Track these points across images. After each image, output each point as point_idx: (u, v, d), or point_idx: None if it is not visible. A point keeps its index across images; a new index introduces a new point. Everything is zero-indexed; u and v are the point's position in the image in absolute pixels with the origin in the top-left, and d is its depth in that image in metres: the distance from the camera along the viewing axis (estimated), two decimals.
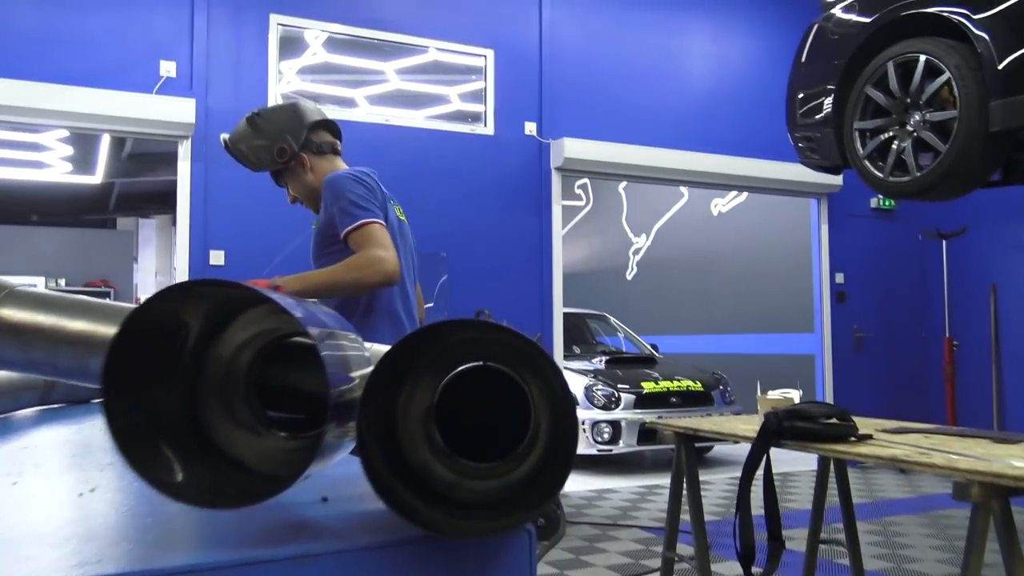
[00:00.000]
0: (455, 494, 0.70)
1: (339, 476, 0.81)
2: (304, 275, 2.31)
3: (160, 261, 17.37)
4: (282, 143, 2.49)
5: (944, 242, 7.33)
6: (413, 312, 2.63)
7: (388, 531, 0.63)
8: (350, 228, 2.31)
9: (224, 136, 2.61)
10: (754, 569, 2.45)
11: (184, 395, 0.68)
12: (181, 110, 5.33)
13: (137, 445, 0.62)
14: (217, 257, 5.48)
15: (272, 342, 0.72)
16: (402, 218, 2.64)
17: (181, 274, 5.45)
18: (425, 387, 0.70)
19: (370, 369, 0.68)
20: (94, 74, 5.22)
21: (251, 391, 0.72)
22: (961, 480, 1.82)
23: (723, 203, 10.26)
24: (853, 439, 2.28)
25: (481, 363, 0.70)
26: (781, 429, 2.28)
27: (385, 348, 0.77)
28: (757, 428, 2.54)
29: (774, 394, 2.63)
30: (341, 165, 2.61)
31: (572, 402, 0.63)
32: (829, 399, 7.52)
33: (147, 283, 17.15)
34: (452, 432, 0.70)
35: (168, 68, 5.41)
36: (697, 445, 7.37)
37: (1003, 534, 1.83)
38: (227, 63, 5.64)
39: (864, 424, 2.71)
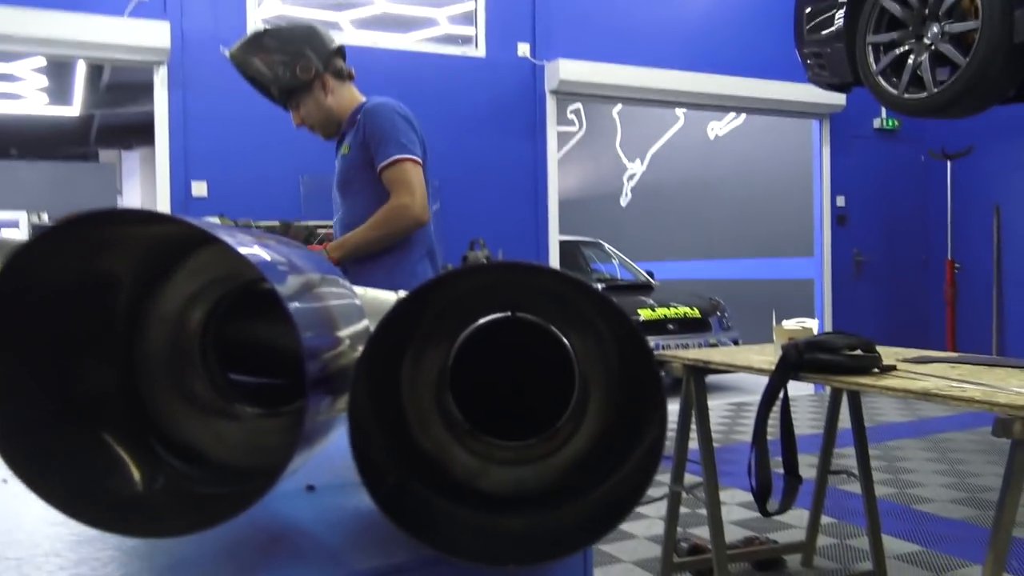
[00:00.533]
0: (480, 484, 0.54)
1: (331, 451, 0.63)
2: (342, 240, 2.38)
3: (145, 193, 17.04)
4: (305, 60, 2.40)
5: (949, 163, 7.15)
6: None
7: (401, 541, 0.47)
8: (387, 162, 2.35)
9: (226, 49, 2.45)
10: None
11: (117, 370, 0.51)
12: (155, 34, 5.05)
13: (34, 450, 0.43)
14: (199, 188, 5.28)
15: (233, 292, 0.55)
16: None
17: (162, 207, 5.25)
18: (437, 347, 0.53)
19: (365, 324, 0.52)
20: None
21: (209, 356, 0.56)
22: (1003, 415, 1.70)
23: (720, 127, 10.01)
24: (877, 371, 2.15)
25: (508, 314, 0.54)
26: (801, 361, 2.16)
27: (385, 295, 0.61)
28: (771, 359, 2.42)
29: (790, 323, 2.49)
30: (358, 93, 2.55)
31: (648, 358, 0.46)
32: (828, 322, 7.44)
33: None
34: (473, 404, 0.55)
35: None
36: None
37: None
38: None
39: (882, 353, 2.59)
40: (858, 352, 2.13)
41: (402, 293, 0.67)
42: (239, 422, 0.55)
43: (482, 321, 0.55)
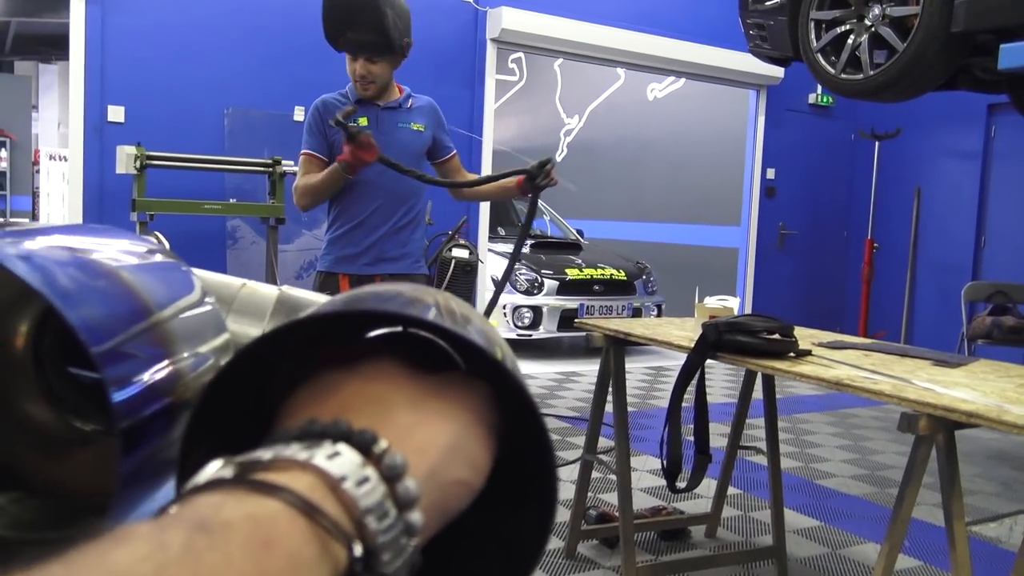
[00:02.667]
0: None
1: None
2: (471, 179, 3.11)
3: (63, 111, 16.18)
4: (410, 38, 2.85)
5: (877, 143, 7.28)
6: None
7: None
8: (455, 153, 3.06)
9: None
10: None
11: None
12: None
13: None
14: (116, 113, 5.00)
15: None
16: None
17: (75, 130, 4.96)
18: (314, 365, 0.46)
19: (224, 338, 0.44)
20: None
21: (46, 362, 0.47)
22: (910, 411, 1.71)
23: (659, 88, 9.98)
24: (793, 355, 2.16)
25: (400, 329, 0.46)
26: (720, 342, 2.15)
27: (265, 290, 0.53)
28: (691, 335, 2.42)
29: (712, 301, 2.49)
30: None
31: (545, 437, 0.39)
32: (749, 293, 7.58)
33: (48, 134, 16.02)
34: None
35: None
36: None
37: (945, 468, 1.75)
38: None
39: (798, 334, 2.61)
40: (776, 336, 2.13)
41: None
42: (80, 444, 0.47)
43: (376, 333, 0.47)
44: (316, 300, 0.54)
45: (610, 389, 2.70)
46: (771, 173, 7.56)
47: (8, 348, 0.46)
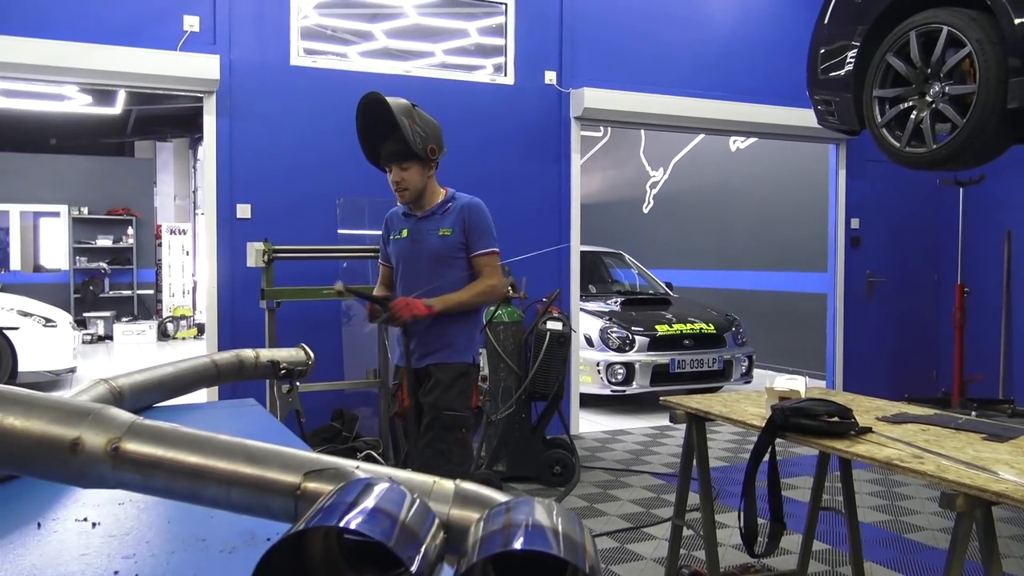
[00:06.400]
0: None
1: None
2: (445, 298, 3.02)
3: (178, 185, 17.52)
4: (435, 144, 3.09)
5: (961, 189, 7.35)
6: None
7: None
8: (485, 251, 3.12)
9: (384, 97, 3.00)
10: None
11: None
12: (205, 66, 5.39)
13: None
14: (244, 210, 5.62)
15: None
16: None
17: (210, 227, 5.61)
18: None
19: (436, 523, 0.81)
20: (116, 31, 5.27)
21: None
22: (948, 491, 1.99)
23: (741, 140, 10.23)
24: (853, 434, 2.44)
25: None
26: (786, 424, 2.45)
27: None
28: (764, 411, 2.72)
29: (780, 381, 2.78)
30: (436, 184, 3.22)
31: None
32: (840, 341, 7.69)
33: (165, 207, 17.30)
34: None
35: (191, 23, 5.44)
36: (707, 385, 7.46)
37: (983, 541, 2.01)
38: (248, 14, 5.65)
39: (865, 407, 2.88)
40: (835, 419, 2.42)
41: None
42: None
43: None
44: (484, 494, 0.92)
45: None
46: (855, 223, 7.71)
47: None
